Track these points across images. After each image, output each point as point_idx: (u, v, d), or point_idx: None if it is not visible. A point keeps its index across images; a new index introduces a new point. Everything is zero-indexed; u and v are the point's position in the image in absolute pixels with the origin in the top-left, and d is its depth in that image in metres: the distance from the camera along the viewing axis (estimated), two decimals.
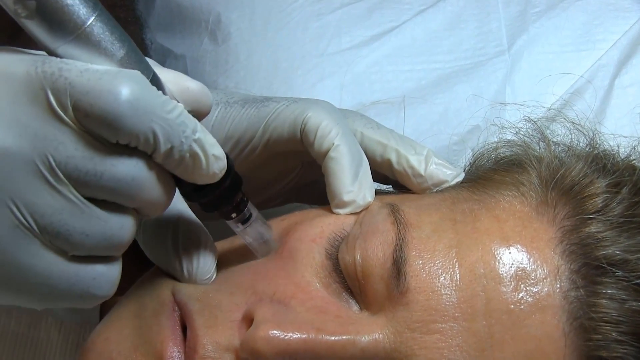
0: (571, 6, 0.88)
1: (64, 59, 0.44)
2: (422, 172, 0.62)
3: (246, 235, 0.57)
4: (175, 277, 0.58)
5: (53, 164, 0.42)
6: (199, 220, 0.60)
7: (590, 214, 0.54)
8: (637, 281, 0.52)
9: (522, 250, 0.52)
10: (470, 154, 0.79)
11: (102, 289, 0.47)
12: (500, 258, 0.52)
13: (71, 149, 0.43)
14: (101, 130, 0.43)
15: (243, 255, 0.59)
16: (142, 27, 0.89)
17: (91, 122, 0.43)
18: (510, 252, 0.52)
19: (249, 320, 0.53)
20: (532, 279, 0.51)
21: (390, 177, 0.65)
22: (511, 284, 0.51)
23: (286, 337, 0.50)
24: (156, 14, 0.97)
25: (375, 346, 0.51)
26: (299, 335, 0.50)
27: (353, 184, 0.59)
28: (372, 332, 0.52)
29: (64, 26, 0.44)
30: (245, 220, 0.56)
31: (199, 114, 0.49)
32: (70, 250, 0.45)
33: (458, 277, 0.52)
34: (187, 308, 0.55)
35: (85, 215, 0.44)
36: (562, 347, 0.50)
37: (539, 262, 0.52)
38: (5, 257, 0.43)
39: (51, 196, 0.43)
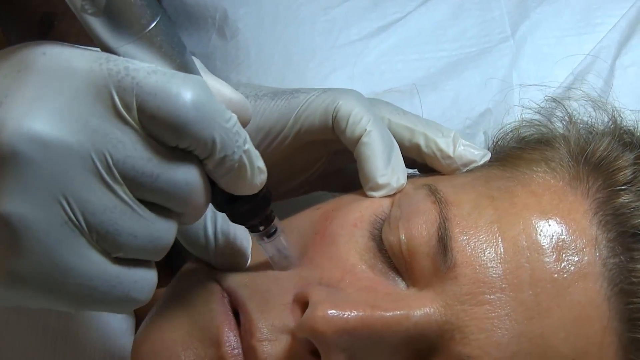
0: None
1: (129, 59, 0.44)
2: (451, 154, 0.65)
3: (269, 248, 0.57)
4: (211, 263, 0.60)
5: (110, 162, 0.42)
6: None
7: (621, 186, 0.58)
8: None
9: (561, 223, 0.55)
10: (483, 136, 0.82)
11: (142, 293, 0.47)
12: (541, 230, 0.55)
13: (130, 149, 0.42)
14: (164, 133, 0.43)
15: None
16: None
17: (155, 125, 0.43)
18: (549, 225, 0.55)
19: (301, 302, 0.55)
20: (573, 249, 0.54)
21: (417, 161, 0.68)
22: (553, 255, 0.54)
23: (344, 315, 0.51)
24: None
25: (427, 319, 0.53)
26: (356, 313, 0.52)
27: (386, 168, 0.62)
28: (423, 306, 0.54)
29: (129, 26, 0.43)
30: (270, 235, 0.56)
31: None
32: (115, 251, 0.44)
33: (502, 250, 0.54)
34: (237, 294, 0.56)
35: (135, 216, 0.43)
36: (605, 311, 0.53)
37: (577, 232, 0.55)
38: (50, 256, 0.41)
39: (104, 194, 0.42)
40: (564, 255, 0.54)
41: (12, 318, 0.65)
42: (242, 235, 0.59)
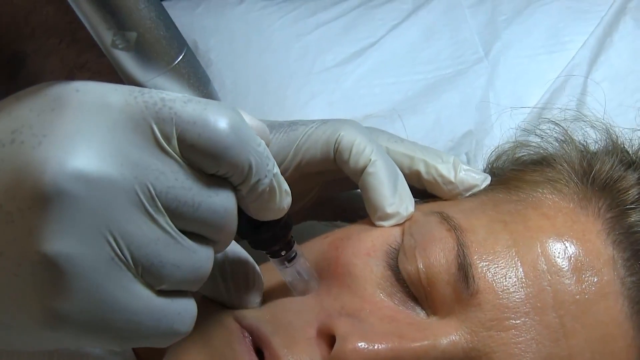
0: (535, 12, 0.94)
1: (162, 90, 0.43)
2: (453, 179, 0.65)
3: (289, 273, 0.57)
4: (223, 303, 0.59)
5: (153, 193, 0.41)
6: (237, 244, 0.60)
7: (630, 205, 0.59)
8: None
9: (577, 244, 0.56)
10: (465, 157, 0.83)
11: (185, 324, 0.46)
12: (559, 253, 0.56)
13: (172, 179, 0.42)
14: (204, 160, 0.43)
15: None
16: None
17: (195, 153, 0.43)
18: (566, 247, 0.56)
19: (325, 335, 0.54)
20: (591, 270, 0.55)
21: (415, 187, 0.68)
22: (573, 277, 0.55)
23: (375, 348, 0.51)
24: None
25: (454, 347, 0.53)
26: (386, 345, 0.52)
27: (394, 197, 0.61)
28: (448, 334, 0.54)
29: (159, 59, 0.44)
30: (291, 259, 0.56)
31: None
32: (158, 284, 0.43)
33: (522, 275, 0.55)
34: (259, 331, 0.55)
35: (178, 246, 0.43)
36: (628, 329, 0.54)
37: (594, 253, 0.56)
38: (97, 293, 0.40)
39: (148, 227, 0.42)
40: (583, 276, 0.55)
41: None
42: (254, 269, 0.59)
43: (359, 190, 0.76)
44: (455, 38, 0.93)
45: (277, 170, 0.47)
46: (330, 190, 0.72)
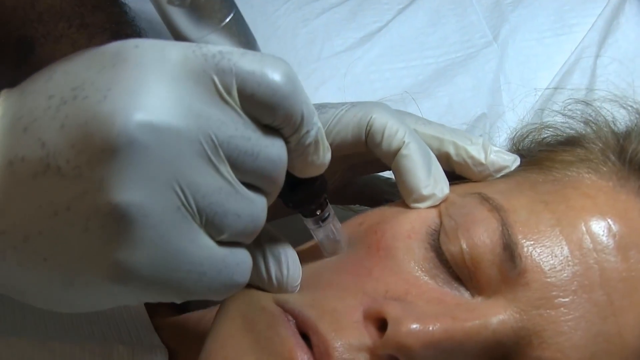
0: None
1: (217, 45, 0.44)
2: (483, 161, 0.64)
3: (322, 233, 0.58)
4: (262, 288, 0.58)
5: (216, 143, 0.42)
6: (272, 228, 0.60)
7: None
8: None
9: (621, 222, 0.56)
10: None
11: (244, 275, 0.47)
12: (604, 231, 0.56)
13: (232, 129, 0.43)
14: (262, 110, 0.44)
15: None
16: None
17: (254, 103, 0.43)
18: (610, 225, 0.56)
19: (373, 319, 0.53)
20: (636, 247, 0.55)
21: (444, 170, 0.67)
22: (619, 255, 0.55)
23: (429, 329, 0.51)
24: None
25: (503, 327, 0.53)
26: (440, 326, 0.51)
27: (429, 178, 0.61)
28: (497, 314, 0.53)
29: (212, 16, 0.45)
30: (324, 219, 0.57)
31: None
32: (218, 234, 0.44)
33: (568, 253, 0.55)
34: (304, 316, 0.54)
35: (238, 196, 0.44)
36: None
37: (637, 231, 0.56)
38: (164, 243, 0.41)
39: (212, 176, 0.42)
40: (629, 253, 0.55)
41: None
42: (292, 259, 0.58)
43: (379, 174, 0.76)
44: (462, 22, 0.94)
45: (320, 124, 0.48)
46: (352, 174, 0.72)
